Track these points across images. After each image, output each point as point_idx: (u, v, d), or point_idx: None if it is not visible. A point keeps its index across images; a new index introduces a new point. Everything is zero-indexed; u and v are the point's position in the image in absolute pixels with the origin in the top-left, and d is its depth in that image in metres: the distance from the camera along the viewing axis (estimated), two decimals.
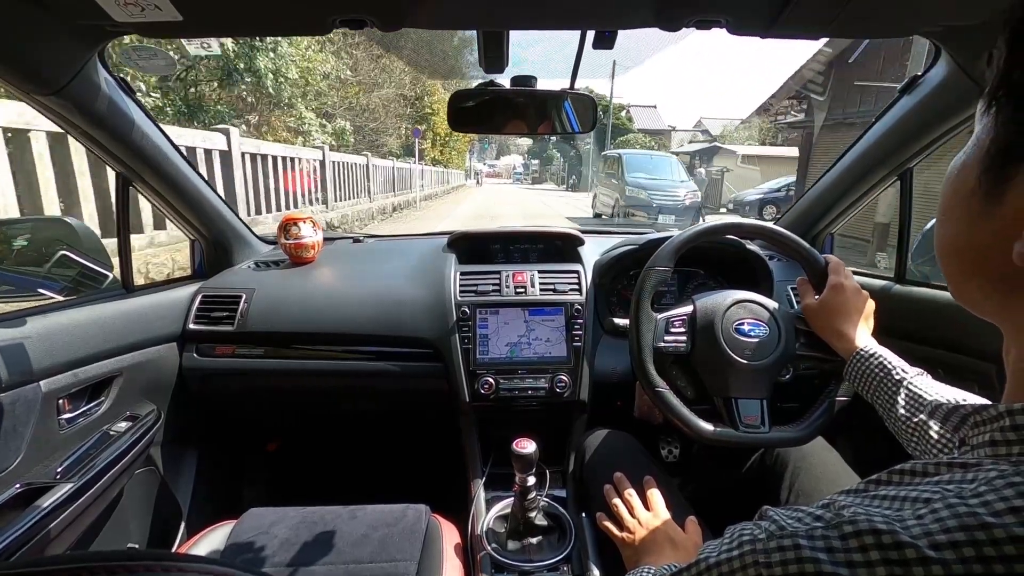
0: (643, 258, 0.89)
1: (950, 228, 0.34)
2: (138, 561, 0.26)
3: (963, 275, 0.35)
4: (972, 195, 0.31)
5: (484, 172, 58.80)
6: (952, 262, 0.35)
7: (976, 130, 0.31)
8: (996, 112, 0.29)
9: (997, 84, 0.29)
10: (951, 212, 0.34)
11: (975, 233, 0.32)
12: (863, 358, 0.72)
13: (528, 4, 0.65)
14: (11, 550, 0.70)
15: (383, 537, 0.85)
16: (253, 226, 1.39)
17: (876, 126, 1.01)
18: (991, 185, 0.30)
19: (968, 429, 0.32)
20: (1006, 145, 0.29)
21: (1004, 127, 0.29)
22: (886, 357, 0.70)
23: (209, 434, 1.28)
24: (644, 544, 0.73)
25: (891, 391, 0.67)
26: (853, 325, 0.76)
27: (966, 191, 0.32)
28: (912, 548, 0.23)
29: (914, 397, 0.64)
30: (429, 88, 15.62)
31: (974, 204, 0.31)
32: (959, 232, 0.33)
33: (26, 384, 0.79)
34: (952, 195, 0.33)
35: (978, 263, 0.32)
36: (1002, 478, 0.24)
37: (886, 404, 0.67)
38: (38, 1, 0.61)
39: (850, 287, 0.78)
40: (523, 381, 1.07)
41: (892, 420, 0.66)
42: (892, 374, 0.68)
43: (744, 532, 0.31)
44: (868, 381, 0.70)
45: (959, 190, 0.32)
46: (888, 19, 0.68)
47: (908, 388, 0.65)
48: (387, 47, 11.42)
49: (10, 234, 1.14)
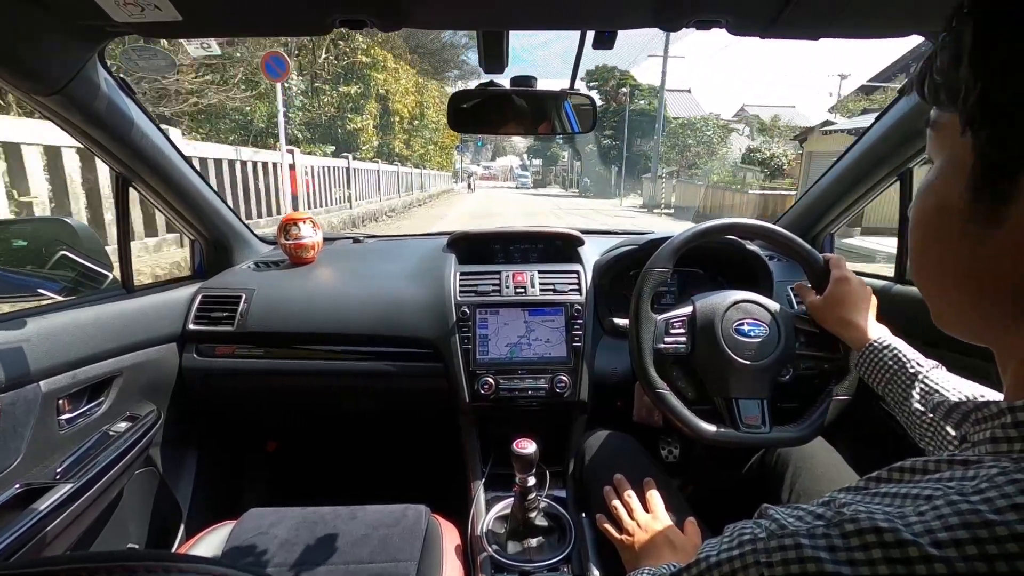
0: (643, 258, 0.89)
1: (934, 253, 0.33)
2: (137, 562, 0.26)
3: (958, 299, 0.33)
4: (959, 217, 0.30)
5: (478, 174, 52.69)
6: (941, 287, 0.34)
7: (945, 155, 0.30)
8: (975, 133, 0.28)
9: (973, 106, 0.27)
10: (932, 235, 0.32)
11: (970, 257, 0.30)
12: (876, 349, 0.70)
13: (528, 4, 0.65)
14: (11, 550, 0.70)
15: (383, 537, 0.85)
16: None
17: (876, 126, 1.01)
18: (986, 206, 0.28)
19: (969, 426, 0.32)
20: (998, 162, 0.27)
21: (991, 145, 0.27)
22: (900, 349, 0.69)
23: (209, 434, 1.28)
24: (643, 546, 0.72)
25: (905, 384, 0.65)
26: (862, 315, 0.75)
27: (950, 212, 0.30)
28: (914, 546, 0.23)
29: (929, 392, 0.62)
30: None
31: (968, 228, 0.29)
32: (950, 263, 0.32)
33: (26, 384, 0.78)
34: (931, 217, 0.32)
35: (979, 286, 0.31)
36: (1003, 475, 0.24)
37: (899, 397, 0.66)
38: (38, 1, 0.61)
39: (855, 279, 0.78)
40: (523, 381, 1.07)
41: (905, 414, 0.65)
42: (907, 367, 0.66)
43: (744, 531, 0.31)
44: (880, 373, 0.69)
45: (940, 212, 0.31)
46: (888, 19, 0.68)
47: (924, 382, 0.63)
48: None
49: (10, 234, 1.14)
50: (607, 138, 28.57)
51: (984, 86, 0.26)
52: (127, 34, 0.72)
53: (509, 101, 0.93)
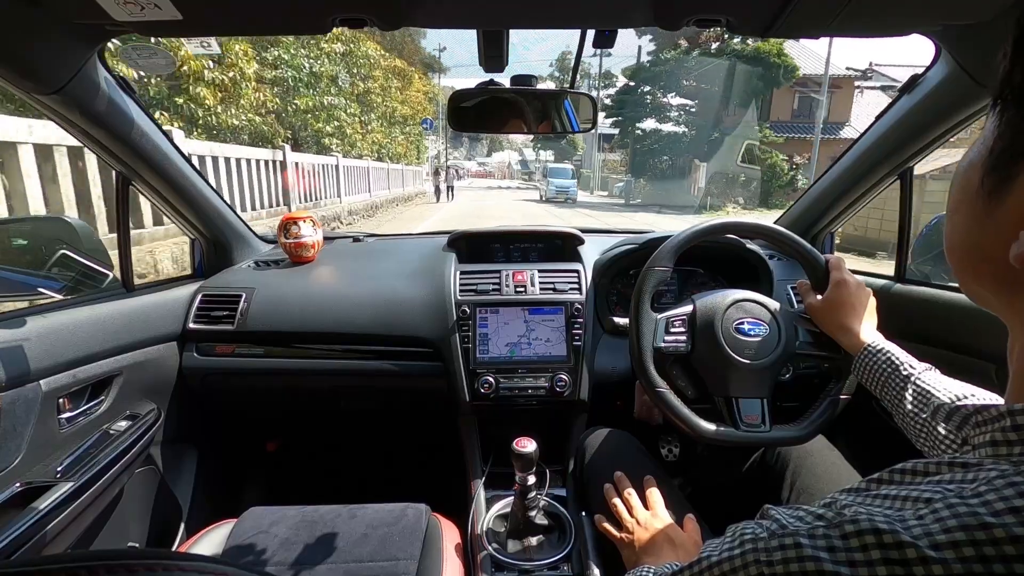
0: (643, 257, 0.89)
1: (957, 226, 0.34)
2: (138, 560, 0.26)
3: (969, 273, 0.35)
4: (977, 195, 0.31)
5: (470, 171, 43.60)
6: (959, 260, 0.35)
7: (985, 129, 0.31)
8: (1001, 112, 0.29)
9: (1002, 84, 0.29)
10: (958, 210, 0.34)
11: (978, 233, 0.32)
12: (871, 354, 0.72)
13: (528, 4, 0.65)
14: (11, 549, 0.70)
15: (383, 536, 0.85)
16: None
17: (876, 126, 1.01)
18: (993, 185, 0.30)
19: (970, 429, 0.32)
20: (1009, 144, 0.29)
21: (1008, 127, 0.29)
22: (894, 353, 0.70)
23: (209, 433, 1.28)
24: (643, 544, 0.73)
25: (899, 387, 0.67)
26: (859, 320, 0.76)
27: (972, 190, 0.32)
28: (913, 548, 0.23)
29: (922, 393, 0.64)
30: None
31: (978, 204, 0.31)
32: (965, 230, 0.33)
33: (26, 384, 0.79)
34: (959, 193, 0.33)
35: (982, 262, 0.33)
36: (1002, 478, 0.24)
37: (894, 400, 0.67)
38: (38, 1, 0.61)
39: (853, 282, 0.78)
40: (523, 380, 1.07)
41: (900, 416, 0.66)
42: (900, 370, 0.68)
43: (746, 531, 0.31)
44: (876, 377, 0.71)
45: (966, 189, 0.32)
46: (888, 19, 0.68)
47: (916, 384, 0.65)
48: None
49: (10, 234, 1.14)
50: (685, 112, 17.06)
51: (1012, 68, 0.28)
52: (127, 33, 0.72)
53: (509, 100, 0.93)
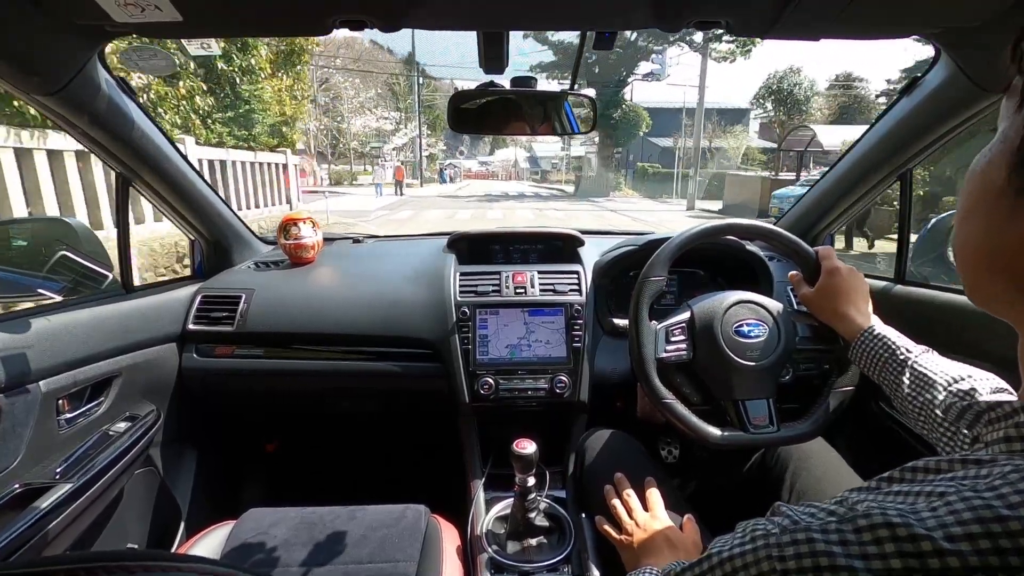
0: (643, 258, 0.89)
1: (974, 227, 0.33)
2: (137, 561, 0.26)
3: (986, 276, 0.33)
4: (1001, 194, 0.30)
5: (466, 172, 38.77)
6: (973, 264, 0.34)
7: (1002, 127, 0.30)
8: (1020, 105, 0.28)
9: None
10: (976, 211, 0.32)
11: (1003, 233, 0.30)
12: (867, 339, 0.72)
13: (528, 4, 0.65)
14: (10, 550, 0.70)
15: (382, 538, 0.85)
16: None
17: (876, 127, 1.01)
18: (1019, 185, 0.28)
19: (982, 426, 0.32)
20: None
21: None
22: (890, 337, 0.70)
23: (209, 434, 1.28)
24: (642, 546, 0.73)
25: (896, 371, 0.67)
26: (854, 305, 0.76)
27: (994, 190, 0.30)
28: (927, 540, 0.23)
29: (919, 376, 0.64)
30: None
31: (1003, 203, 0.30)
32: (984, 233, 0.32)
33: (26, 384, 0.78)
34: (977, 193, 0.32)
35: (1005, 264, 0.31)
36: (1017, 472, 0.24)
37: (892, 384, 0.68)
38: (38, 1, 0.61)
39: (844, 269, 0.79)
40: (523, 382, 1.07)
41: (899, 399, 0.67)
42: (896, 354, 0.68)
43: (757, 527, 0.31)
44: (874, 362, 0.71)
45: (986, 188, 0.31)
46: (888, 20, 0.68)
47: (913, 367, 0.65)
48: None
49: (10, 234, 1.14)
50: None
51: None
52: (127, 34, 0.72)
53: (509, 101, 0.93)
